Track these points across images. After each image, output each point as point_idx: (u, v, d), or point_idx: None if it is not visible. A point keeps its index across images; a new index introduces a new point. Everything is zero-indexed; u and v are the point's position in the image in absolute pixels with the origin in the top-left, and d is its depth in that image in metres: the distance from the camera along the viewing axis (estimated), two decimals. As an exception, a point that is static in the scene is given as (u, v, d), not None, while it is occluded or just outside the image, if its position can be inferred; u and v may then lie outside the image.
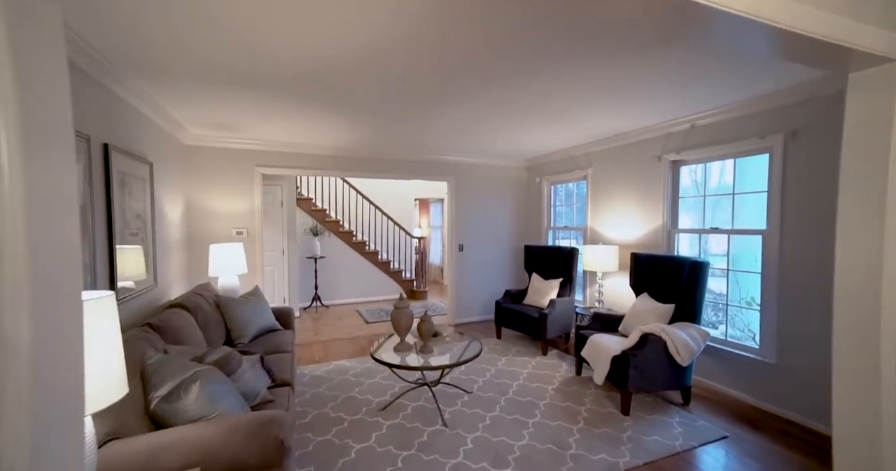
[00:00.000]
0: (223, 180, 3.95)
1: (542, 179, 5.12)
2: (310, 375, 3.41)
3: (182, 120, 3.19)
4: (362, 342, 4.36)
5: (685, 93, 2.56)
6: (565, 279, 4.23)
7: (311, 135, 3.83)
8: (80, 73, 1.84)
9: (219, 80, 2.28)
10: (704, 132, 3.03)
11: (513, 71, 2.17)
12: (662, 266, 3.03)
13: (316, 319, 5.42)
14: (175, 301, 2.48)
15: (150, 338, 1.80)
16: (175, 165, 3.46)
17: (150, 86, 2.37)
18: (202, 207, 3.86)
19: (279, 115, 3.06)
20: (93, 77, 1.96)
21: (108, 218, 2.08)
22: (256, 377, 1.92)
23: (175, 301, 2.48)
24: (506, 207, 5.40)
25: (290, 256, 5.43)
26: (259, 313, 3.05)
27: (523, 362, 3.71)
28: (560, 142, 4.21)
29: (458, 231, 5.12)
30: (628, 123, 3.32)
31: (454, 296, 5.13)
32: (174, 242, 3.35)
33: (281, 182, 5.36)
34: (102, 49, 1.86)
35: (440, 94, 2.59)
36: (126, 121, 2.39)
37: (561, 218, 5.09)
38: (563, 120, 3.28)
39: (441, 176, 5.01)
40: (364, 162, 4.59)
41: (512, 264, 5.48)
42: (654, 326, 2.57)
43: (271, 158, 4.15)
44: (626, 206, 3.80)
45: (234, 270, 3.50)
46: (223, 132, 3.71)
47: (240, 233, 4.03)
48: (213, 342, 2.56)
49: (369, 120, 3.24)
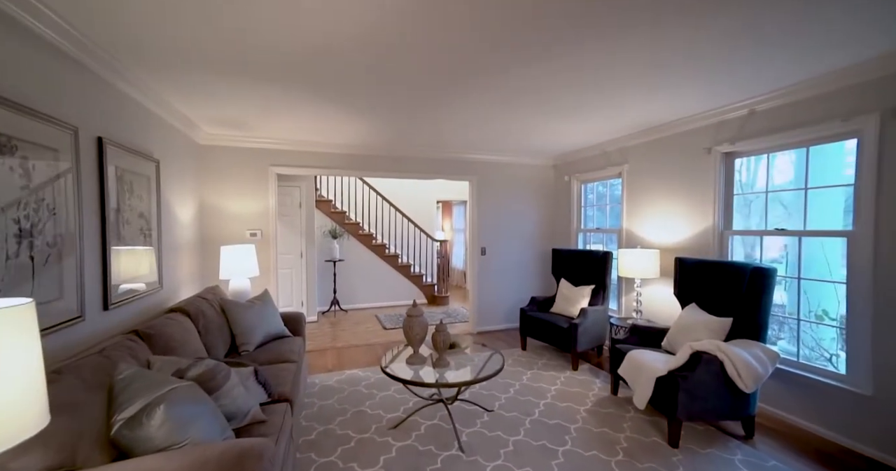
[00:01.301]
0: (237, 180, 3.86)
1: (572, 177, 4.76)
2: (320, 384, 3.21)
3: (193, 117, 3.10)
4: (378, 350, 4.14)
5: (743, 72, 2.18)
6: (598, 286, 3.85)
7: (326, 133, 3.68)
8: (67, 60, 1.72)
9: (221, 70, 2.12)
10: (766, 118, 2.61)
11: (539, 51, 1.89)
12: (716, 273, 2.63)
13: (334, 324, 5.27)
14: (175, 306, 2.34)
15: (134, 348, 1.63)
16: (189, 165, 3.39)
17: (150, 77, 2.25)
18: (216, 208, 3.78)
19: (290, 111, 2.91)
20: (84, 65, 1.84)
21: (101, 216, 1.95)
22: (247, 394, 1.72)
23: (175, 306, 2.34)
24: (531, 208, 5.07)
25: (308, 258, 5.32)
26: (266, 319, 2.88)
27: (551, 377, 3.36)
28: (591, 136, 3.86)
29: (480, 233, 4.83)
30: (671, 111, 2.94)
31: (476, 302, 4.84)
32: (185, 243, 3.25)
33: (300, 183, 5.27)
34: (91, 35, 1.73)
35: (460, 85, 2.34)
36: (128, 116, 2.28)
37: (592, 219, 4.71)
38: (596, 110, 2.95)
39: (462, 175, 4.75)
40: (382, 161, 4.40)
41: (538, 269, 5.13)
42: (707, 344, 2.19)
43: (286, 158, 4.03)
44: (667, 205, 3.39)
45: (244, 273, 3.38)
46: (237, 131, 3.61)
47: (254, 234, 3.92)
48: (214, 350, 2.40)
49: (385, 114, 3.03)
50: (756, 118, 2.66)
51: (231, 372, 1.66)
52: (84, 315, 1.76)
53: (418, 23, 1.68)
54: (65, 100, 1.69)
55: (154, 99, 2.52)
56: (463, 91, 2.54)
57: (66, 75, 1.71)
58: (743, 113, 2.71)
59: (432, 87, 2.44)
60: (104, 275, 1.96)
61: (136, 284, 2.33)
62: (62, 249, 1.63)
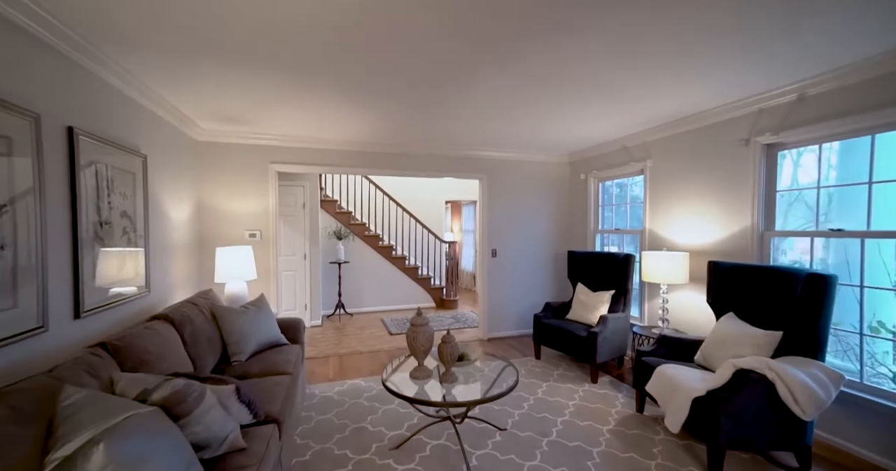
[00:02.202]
0: (236, 179, 3.69)
1: (588, 175, 4.48)
2: (320, 396, 3.00)
3: (187, 111, 2.92)
4: (383, 358, 3.92)
5: (790, 51, 1.90)
6: (618, 292, 3.57)
7: (328, 129, 3.48)
8: (24, 36, 1.53)
9: (207, 54, 1.93)
10: (818, 103, 2.30)
11: (554, 36, 1.64)
12: (760, 280, 2.33)
13: (338, 329, 5.07)
14: (160, 312, 2.15)
15: (96, 364, 1.43)
16: (184, 162, 3.22)
17: (129, 61, 2.06)
18: (214, 208, 3.61)
19: (287, 103, 2.71)
20: (48, 43, 1.65)
21: (72, 215, 1.76)
22: (226, 417, 1.50)
23: (160, 312, 2.15)
24: (545, 208, 4.80)
25: (312, 260, 5.14)
26: (261, 326, 2.68)
27: (568, 390, 3.09)
28: (611, 130, 3.58)
29: (490, 235, 4.58)
30: (702, 99, 2.66)
31: (486, 307, 4.59)
32: (179, 244, 3.08)
33: (304, 182, 5.09)
34: (55, 11, 1.55)
35: (469, 76, 2.11)
36: (108, 106, 2.10)
37: (610, 220, 4.42)
38: (617, 102, 2.69)
39: (471, 173, 4.51)
40: (387, 158, 4.19)
41: (552, 273, 4.85)
42: (754, 361, 1.90)
43: (287, 155, 3.85)
44: (697, 204, 3.10)
45: (241, 277, 3.19)
46: (235, 127, 3.43)
47: (253, 235, 3.74)
48: (202, 361, 2.20)
49: (391, 107, 2.81)
50: (806, 104, 2.35)
51: (206, 392, 1.44)
52: (47, 325, 1.57)
53: (425, 4, 1.45)
54: (22, 82, 1.50)
55: (139, 89, 2.34)
56: (472, 83, 2.31)
57: (25, 54, 1.53)
58: (789, 99, 2.41)
59: (439, 76, 2.21)
60: (75, 279, 1.77)
61: (120, 289, 2.15)
62: (17, 251, 1.43)
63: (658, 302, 3.46)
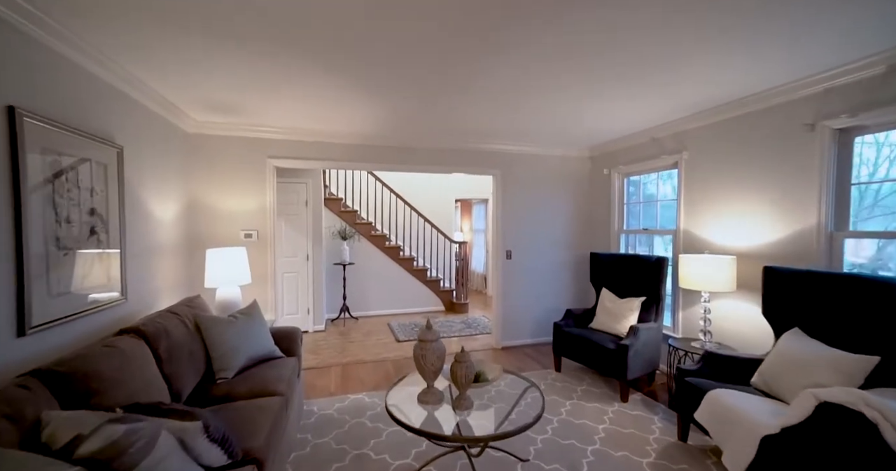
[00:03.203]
0: (231, 174, 3.41)
1: (612, 170, 4.11)
2: (318, 414, 2.70)
3: (171, 97, 2.64)
4: (389, 369, 3.61)
5: (871, 16, 1.53)
6: (649, 299, 3.20)
7: (330, 120, 3.17)
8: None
9: (189, 30, 1.63)
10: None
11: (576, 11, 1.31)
12: (838, 290, 1.95)
13: (342, 334, 4.77)
14: (130, 326, 1.86)
15: (20, 399, 1.13)
16: (173, 156, 2.94)
17: (96, 35, 1.78)
18: (207, 205, 3.34)
19: (280, 89, 2.40)
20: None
21: (13, 209, 1.47)
22: (188, 464, 1.20)
23: (130, 326, 1.86)
24: (564, 206, 4.43)
25: (315, 261, 4.86)
26: (251, 337, 2.38)
27: (596, 411, 2.74)
28: (639, 120, 3.21)
29: (505, 235, 4.24)
30: (752, 81, 2.29)
31: (500, 313, 4.24)
32: (165, 245, 2.80)
33: (306, 179, 4.81)
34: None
35: (481, 60, 1.79)
36: (70, 87, 1.81)
37: (636, 219, 4.04)
38: (646, 87, 2.34)
39: (485, 168, 4.17)
40: (394, 152, 3.87)
41: (571, 276, 4.49)
42: (843, 394, 1.54)
43: (286, 149, 3.56)
44: (745, 200, 2.72)
45: (234, 280, 2.91)
46: (229, 118, 3.15)
47: (249, 235, 3.45)
48: (181, 380, 1.91)
49: (397, 95, 2.49)
50: (892, 78, 1.96)
51: (159, 435, 1.14)
52: (-25, 346, 1.29)
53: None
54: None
55: (113, 70, 2.05)
56: (485, 66, 1.97)
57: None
58: (870, 73, 2.02)
59: (451, 57, 1.88)
60: (19, 288, 1.48)
61: (89, 297, 1.87)
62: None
63: (696, 311, 3.09)
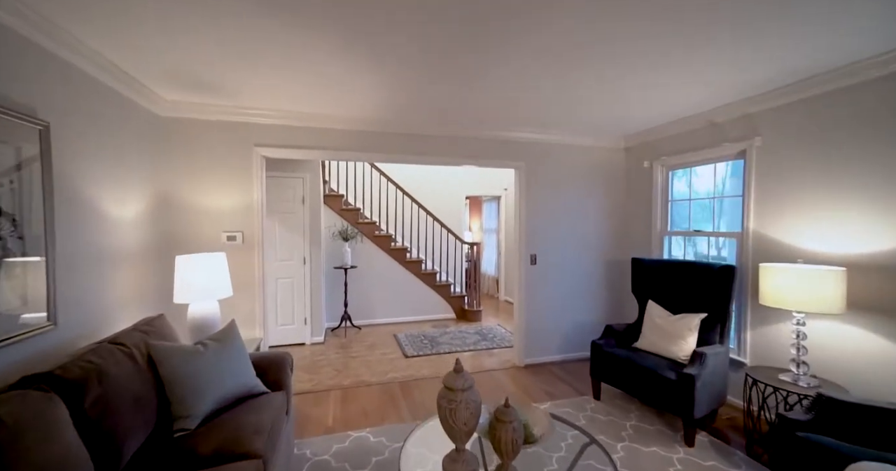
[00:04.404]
0: (211, 165, 2.88)
1: (654, 162, 3.55)
2: (312, 460, 2.18)
3: (126, 66, 2.10)
4: (396, 393, 3.08)
5: None
6: (712, 316, 2.65)
7: (327, 100, 2.64)
8: None
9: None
10: None
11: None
12: None
13: (343, 347, 4.25)
14: (41, 370, 1.33)
15: None
16: (136, 142, 2.42)
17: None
18: (182, 202, 2.81)
19: (266, 60, 1.87)
20: None
21: None
22: None
23: (41, 370, 1.33)
24: (596, 204, 3.88)
25: (313, 265, 4.33)
26: (224, 371, 1.85)
27: (657, 458, 2.20)
28: (689, 102, 2.67)
29: (529, 237, 3.69)
30: (859, 42, 1.73)
31: (524, 326, 3.71)
32: (123, 251, 2.28)
33: (303, 173, 4.28)
34: None
35: (501, 31, 1.25)
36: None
37: (683, 219, 3.49)
38: (707, 58, 1.77)
39: (507, 160, 3.62)
40: (403, 141, 3.33)
41: (604, 285, 3.94)
42: None
43: (277, 136, 3.02)
44: (849, 195, 2.16)
45: (211, 293, 2.38)
46: (207, 98, 2.62)
47: (232, 238, 2.93)
48: (117, 441, 1.38)
49: (406, 70, 1.96)
50: None
51: None
52: None
53: None
54: None
55: (24, 15, 1.53)
56: (505, 39, 1.43)
57: None
58: None
59: (473, 25, 1.35)
60: None
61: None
62: None
63: (775, 334, 2.54)
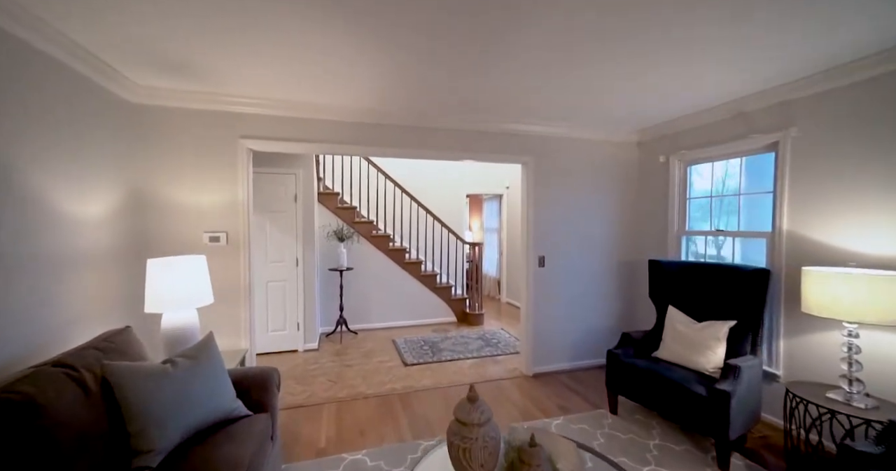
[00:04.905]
0: (191, 159, 2.61)
1: (671, 156, 3.32)
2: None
3: (79, 38, 1.84)
4: (395, 408, 2.82)
5: None
6: (743, 324, 2.42)
7: (320, 89, 2.38)
8: None
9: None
10: None
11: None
12: None
13: (338, 354, 4.00)
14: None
15: None
16: (105, 131, 2.15)
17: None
18: (157, 199, 2.54)
19: (247, 38, 1.61)
20: None
21: None
22: None
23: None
24: (608, 203, 3.65)
25: (306, 267, 4.07)
26: (196, 395, 1.60)
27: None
28: (714, 91, 2.43)
29: (537, 238, 3.45)
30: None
31: (532, 332, 3.46)
32: (85, 255, 2.01)
33: (295, 169, 4.02)
34: None
35: None
36: None
37: (703, 217, 3.25)
38: (734, 42, 1.53)
39: (514, 155, 3.37)
40: (401, 133, 3.07)
41: (616, 288, 3.70)
42: None
43: (265, 127, 2.76)
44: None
45: (189, 301, 2.12)
46: (185, 83, 2.36)
47: (215, 239, 2.66)
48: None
49: (412, 50, 1.70)
50: None
51: None
52: None
53: None
54: None
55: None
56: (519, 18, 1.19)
57: None
58: None
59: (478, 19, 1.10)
60: None
61: None
62: None
63: (814, 344, 2.30)
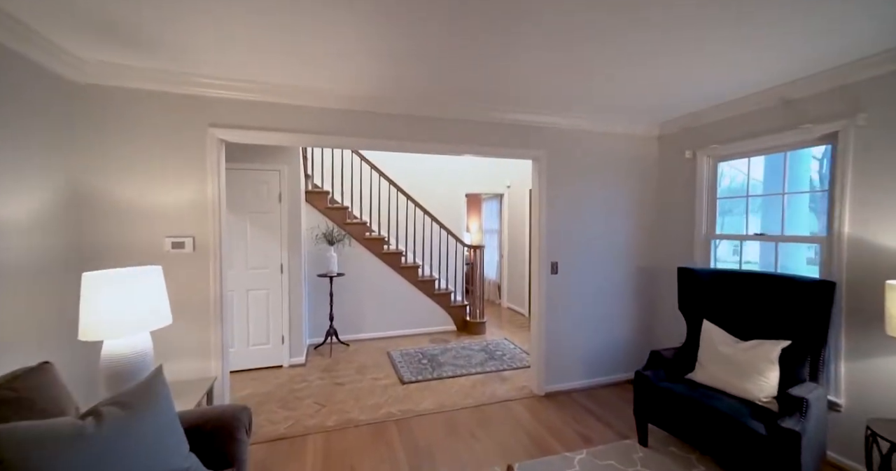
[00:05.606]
0: (150, 150, 2.20)
1: (699, 151, 2.98)
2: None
3: (16, 11, 1.44)
4: (393, 436, 2.44)
5: None
6: (799, 344, 2.08)
7: (305, 70, 1.99)
8: None
9: None
10: None
11: None
12: None
13: (327, 370, 3.60)
14: None
15: None
16: (38, 117, 1.74)
17: None
18: (106, 199, 2.13)
19: None
20: None
21: None
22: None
23: None
24: (627, 203, 3.30)
25: (292, 274, 3.67)
26: (129, 458, 1.20)
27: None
28: (760, 76, 2.08)
29: (549, 242, 3.09)
30: None
31: (544, 346, 3.10)
32: (4, 267, 1.61)
33: (280, 165, 3.62)
34: None
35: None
36: None
37: (738, 220, 2.92)
38: (782, 24, 1.20)
39: (524, 149, 3.00)
40: (398, 123, 2.69)
41: (636, 296, 3.36)
42: None
43: (239, 113, 2.36)
44: None
45: (139, 324, 1.71)
46: (140, 58, 1.95)
47: (179, 245, 2.25)
48: None
49: (407, 28, 1.34)
50: None
51: None
52: None
53: None
54: None
55: None
56: None
57: None
58: None
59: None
60: None
61: None
62: None
63: (878, 368, 1.97)
